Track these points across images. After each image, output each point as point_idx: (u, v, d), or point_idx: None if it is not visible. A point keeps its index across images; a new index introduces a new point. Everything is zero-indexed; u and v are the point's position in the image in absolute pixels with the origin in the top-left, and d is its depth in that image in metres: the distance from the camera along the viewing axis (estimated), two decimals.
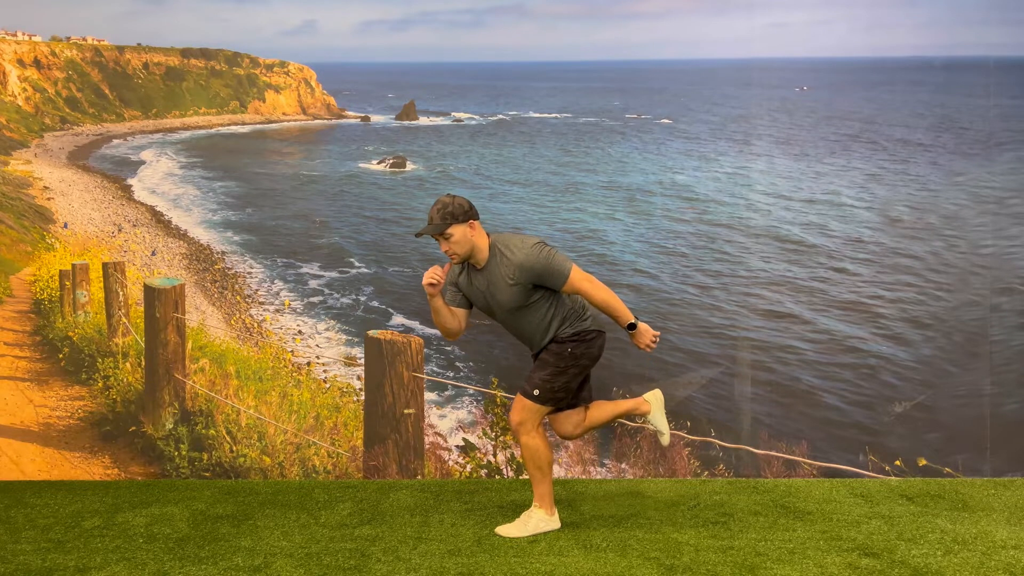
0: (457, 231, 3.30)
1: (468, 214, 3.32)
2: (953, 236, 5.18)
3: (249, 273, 5.65)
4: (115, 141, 6.26)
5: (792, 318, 5.16)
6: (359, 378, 5.04)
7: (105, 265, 5.27)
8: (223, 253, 5.76)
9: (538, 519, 3.53)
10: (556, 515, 3.58)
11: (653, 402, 3.74)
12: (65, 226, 5.52)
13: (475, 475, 4.80)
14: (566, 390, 3.46)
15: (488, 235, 3.39)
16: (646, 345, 3.47)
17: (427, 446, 4.82)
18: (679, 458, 4.77)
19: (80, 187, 5.87)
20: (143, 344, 5.07)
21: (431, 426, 4.93)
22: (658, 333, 3.49)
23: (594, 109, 6.64)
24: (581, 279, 3.34)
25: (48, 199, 5.65)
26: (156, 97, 6.45)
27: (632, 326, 3.42)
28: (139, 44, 6.43)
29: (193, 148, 6.38)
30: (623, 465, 4.82)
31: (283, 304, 5.55)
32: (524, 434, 3.45)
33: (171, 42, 6.28)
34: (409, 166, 6.51)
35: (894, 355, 5.06)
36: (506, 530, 3.52)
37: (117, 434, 4.98)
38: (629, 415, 3.75)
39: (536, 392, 3.40)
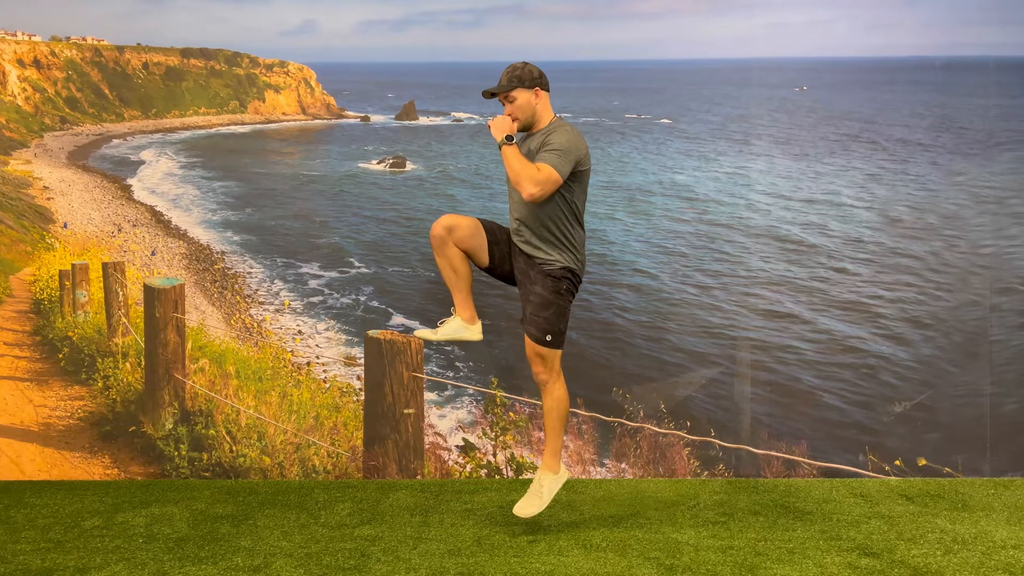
0: (521, 96, 3.33)
1: (536, 81, 3.34)
2: (953, 236, 5.18)
3: (249, 273, 5.65)
4: (115, 141, 6.26)
5: (792, 318, 5.16)
6: (359, 378, 5.04)
7: (105, 265, 5.27)
8: (223, 253, 5.76)
9: (549, 483, 3.48)
10: (563, 467, 3.54)
11: (463, 326, 3.61)
12: (65, 226, 5.52)
13: (475, 475, 4.80)
14: (566, 327, 3.44)
15: (555, 115, 3.40)
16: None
17: (427, 446, 4.82)
18: (679, 458, 4.77)
19: (80, 187, 5.87)
20: (143, 344, 5.07)
21: (431, 426, 4.93)
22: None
23: (594, 109, 6.64)
24: (545, 176, 3.21)
25: (48, 199, 5.65)
26: (156, 97, 6.45)
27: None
28: (139, 44, 6.43)
29: (193, 148, 6.38)
30: (623, 465, 4.82)
31: (283, 304, 5.55)
32: (553, 383, 3.40)
33: (171, 42, 6.29)
34: (409, 166, 6.51)
35: (894, 355, 5.06)
36: (525, 509, 3.47)
37: (117, 434, 4.98)
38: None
39: (548, 337, 3.37)
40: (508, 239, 3.49)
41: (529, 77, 3.34)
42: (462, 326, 3.57)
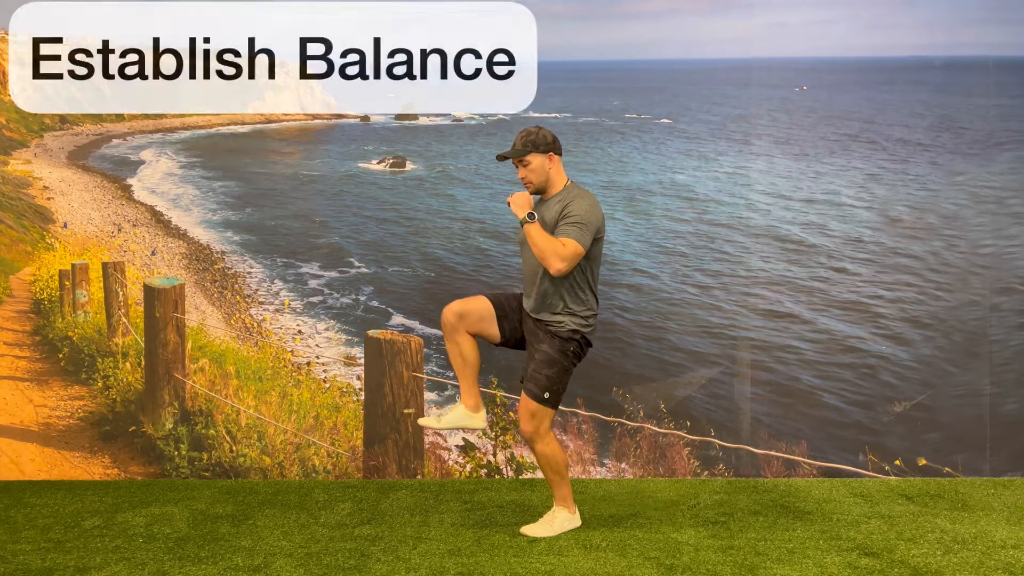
0: (535, 160, 3.38)
1: (550, 146, 3.39)
2: (953, 236, 5.18)
3: (249, 273, 5.65)
4: (115, 141, 6.26)
5: (792, 318, 5.16)
6: (359, 378, 5.04)
7: (105, 265, 5.27)
8: (223, 253, 5.76)
9: (563, 519, 3.55)
10: (577, 513, 3.60)
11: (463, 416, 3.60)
12: (65, 226, 5.52)
13: (475, 475, 4.80)
14: (565, 388, 3.48)
15: (568, 179, 3.44)
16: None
17: (427, 446, 4.82)
18: (679, 458, 4.77)
19: (80, 187, 5.87)
20: (143, 344, 5.07)
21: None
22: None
23: (594, 109, 6.63)
24: (571, 252, 3.28)
25: (48, 199, 5.65)
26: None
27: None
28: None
29: (193, 148, 6.37)
30: (623, 465, 4.82)
31: (283, 304, 5.55)
32: (539, 441, 3.44)
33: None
34: (409, 166, 6.51)
35: (894, 355, 5.06)
36: (532, 530, 3.52)
37: (117, 434, 4.99)
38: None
39: (546, 395, 3.40)
40: (517, 307, 3.53)
41: (543, 142, 3.39)
42: (466, 415, 3.59)
